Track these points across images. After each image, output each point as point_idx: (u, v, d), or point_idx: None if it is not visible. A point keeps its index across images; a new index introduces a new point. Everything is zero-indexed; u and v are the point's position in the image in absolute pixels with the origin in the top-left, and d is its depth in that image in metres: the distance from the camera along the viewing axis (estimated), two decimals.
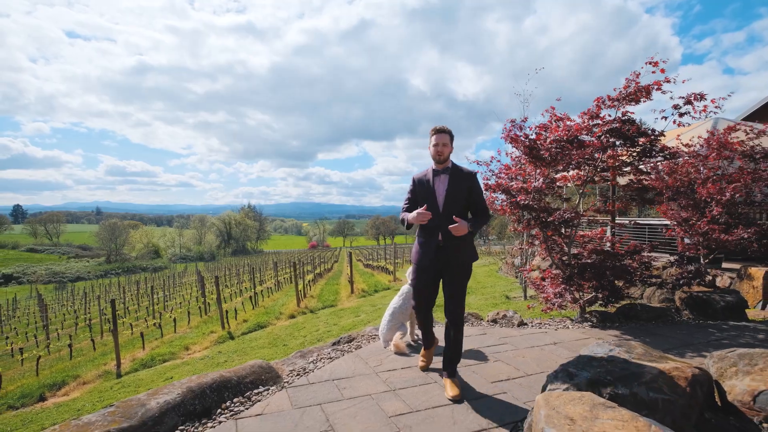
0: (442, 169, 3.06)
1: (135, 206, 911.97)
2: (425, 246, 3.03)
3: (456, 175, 3.04)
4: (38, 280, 52.94)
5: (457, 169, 3.06)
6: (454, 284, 3.01)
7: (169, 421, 2.53)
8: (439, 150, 3.02)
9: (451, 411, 2.73)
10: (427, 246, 3.01)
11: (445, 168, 3.06)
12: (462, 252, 2.98)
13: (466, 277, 3.06)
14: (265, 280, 27.27)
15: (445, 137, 3.04)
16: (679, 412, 2.04)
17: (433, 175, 3.07)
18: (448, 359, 3.11)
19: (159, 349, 11.38)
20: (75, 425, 2.31)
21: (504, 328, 4.98)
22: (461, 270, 3.02)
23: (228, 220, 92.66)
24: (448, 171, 3.05)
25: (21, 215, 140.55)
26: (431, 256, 2.99)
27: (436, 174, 3.07)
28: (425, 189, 3.06)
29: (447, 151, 3.04)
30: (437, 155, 3.04)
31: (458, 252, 2.97)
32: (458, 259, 2.98)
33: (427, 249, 3.01)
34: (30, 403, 8.43)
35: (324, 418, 2.67)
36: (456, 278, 3.01)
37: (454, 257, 2.97)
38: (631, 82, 5.40)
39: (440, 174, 3.06)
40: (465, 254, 3.01)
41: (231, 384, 2.98)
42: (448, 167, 3.07)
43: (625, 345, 2.62)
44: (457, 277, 3.01)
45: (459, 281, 3.02)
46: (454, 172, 3.04)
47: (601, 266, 5.40)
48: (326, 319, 11.48)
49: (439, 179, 3.05)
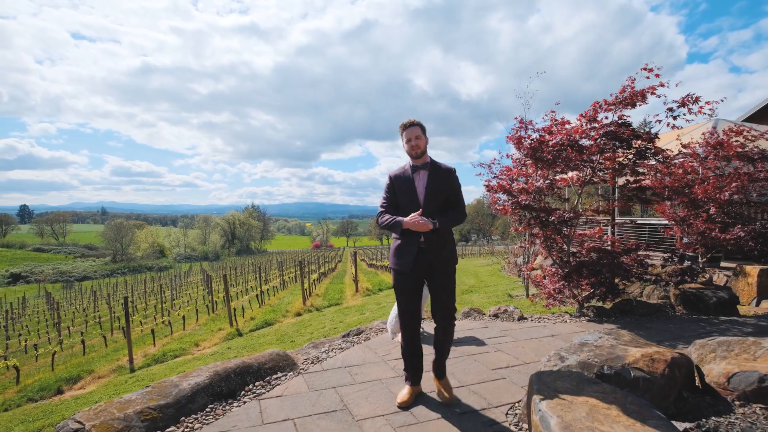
0: (421, 165, 2.87)
1: (140, 206, 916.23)
2: (405, 248, 2.79)
3: (435, 170, 2.86)
4: (46, 279, 53.55)
5: (436, 165, 2.89)
6: (441, 281, 2.81)
7: (200, 401, 2.80)
8: (414, 144, 2.82)
9: (455, 393, 2.98)
10: (408, 248, 2.78)
11: (423, 163, 2.87)
12: (444, 250, 2.81)
13: (452, 271, 2.88)
14: (270, 279, 27.59)
15: (416, 130, 2.83)
16: (658, 390, 2.28)
17: (412, 171, 2.88)
18: (438, 361, 2.94)
19: (170, 345, 11.68)
20: (118, 402, 2.58)
21: (505, 322, 5.23)
22: (446, 266, 2.82)
23: (232, 220, 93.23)
24: (427, 167, 2.87)
25: (27, 215, 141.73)
26: (413, 259, 2.76)
27: (415, 170, 2.87)
28: (405, 186, 2.85)
29: (422, 144, 2.84)
30: (413, 150, 2.83)
31: (441, 251, 2.79)
32: (441, 257, 2.78)
33: (408, 251, 2.77)
34: (48, 396, 8.75)
35: (339, 399, 2.94)
36: (443, 275, 2.81)
37: (437, 257, 2.77)
38: (626, 87, 5.64)
39: (419, 170, 2.87)
40: (447, 251, 2.83)
41: (252, 369, 3.25)
42: (426, 162, 2.88)
43: (614, 333, 2.87)
44: (443, 274, 2.81)
45: (446, 276, 2.82)
46: (433, 167, 2.87)
47: (598, 264, 5.63)
48: (332, 316, 11.75)
49: (419, 175, 2.86)
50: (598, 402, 1.83)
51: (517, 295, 10.61)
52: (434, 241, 2.77)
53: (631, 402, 1.83)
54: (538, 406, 1.84)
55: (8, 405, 8.47)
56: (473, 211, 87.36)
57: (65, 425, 2.38)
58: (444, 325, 2.85)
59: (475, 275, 18.08)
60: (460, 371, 3.44)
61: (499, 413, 2.70)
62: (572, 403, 1.83)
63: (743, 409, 2.29)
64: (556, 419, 1.70)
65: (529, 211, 5.81)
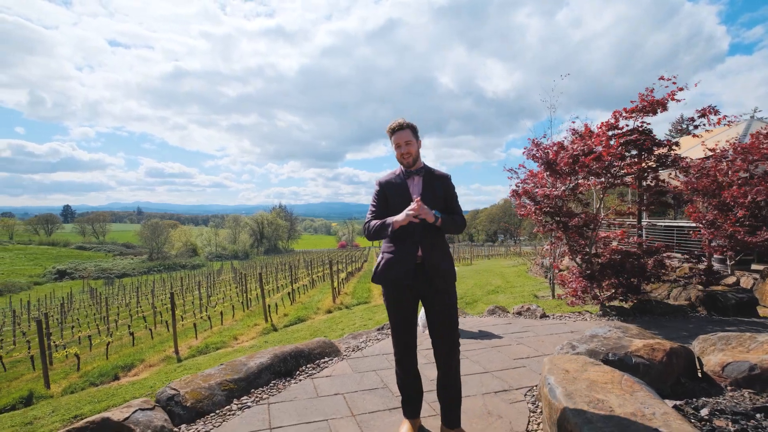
0: (416, 170, 2.58)
1: (173, 206, 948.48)
2: (399, 263, 2.41)
3: (430, 176, 2.59)
4: (89, 275, 56.67)
5: (430, 171, 2.62)
6: (441, 311, 2.44)
7: (264, 377, 3.35)
8: (405, 151, 2.50)
9: (480, 377, 3.43)
10: (402, 263, 2.41)
11: (418, 169, 2.58)
12: (445, 263, 2.47)
13: (454, 288, 2.52)
14: (299, 278, 28.50)
15: (406, 134, 2.50)
16: (656, 375, 2.66)
17: (406, 177, 2.58)
18: (449, 402, 2.50)
19: (211, 338, 12.51)
20: (201, 375, 3.16)
21: (528, 319, 5.61)
22: (447, 281, 2.46)
23: (260, 219, 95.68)
24: (421, 172, 2.57)
25: (70, 215, 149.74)
26: (404, 278, 2.39)
27: (409, 175, 2.58)
28: (399, 193, 2.53)
29: (414, 150, 2.52)
30: (404, 158, 2.52)
31: (441, 264, 2.44)
32: (441, 277, 2.42)
33: (402, 266, 2.40)
34: (107, 381, 9.64)
35: (379, 380, 3.43)
36: (443, 293, 2.44)
37: (437, 276, 2.41)
38: (646, 97, 5.92)
39: (413, 175, 2.58)
40: (448, 264, 2.49)
41: (304, 353, 3.79)
42: (421, 168, 2.59)
43: (622, 327, 3.25)
44: (444, 292, 2.45)
45: (448, 295, 2.46)
46: (427, 174, 2.59)
47: (620, 265, 5.92)
48: (361, 314, 12.29)
49: (413, 181, 2.58)
50: (597, 378, 2.24)
51: (543, 296, 10.86)
52: (433, 254, 2.43)
53: (626, 380, 2.23)
54: (547, 381, 2.27)
55: (74, 388, 9.39)
56: (500, 211, 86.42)
57: (163, 391, 2.97)
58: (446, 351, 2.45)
59: (502, 276, 18.28)
60: (485, 360, 3.87)
61: (519, 394, 3.12)
62: (576, 378, 2.25)
63: (733, 393, 2.64)
64: (561, 389, 2.12)
65: (551, 216, 6.17)
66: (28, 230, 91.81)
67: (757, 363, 2.69)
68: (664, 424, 1.72)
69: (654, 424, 1.72)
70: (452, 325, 2.44)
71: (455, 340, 2.46)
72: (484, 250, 48.02)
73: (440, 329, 2.44)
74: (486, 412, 2.86)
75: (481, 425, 2.69)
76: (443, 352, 2.45)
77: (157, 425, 2.61)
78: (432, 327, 2.48)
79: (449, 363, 2.45)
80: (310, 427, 2.71)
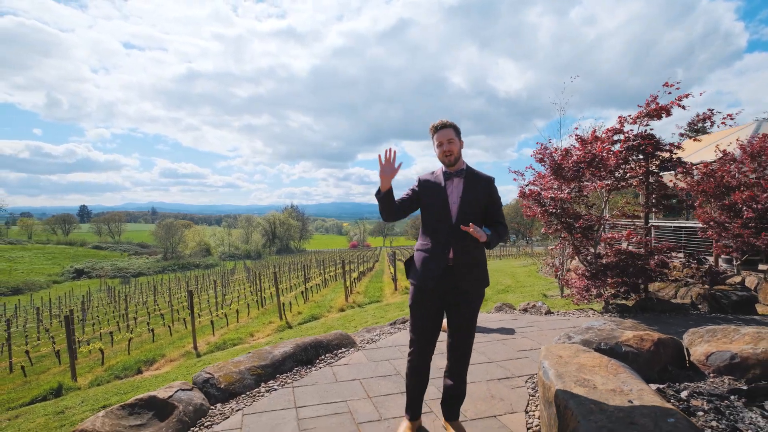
0: (455, 172, 2.50)
1: (186, 206, 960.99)
2: (430, 263, 2.42)
3: (472, 179, 2.49)
4: (105, 274, 58.05)
5: (472, 172, 2.52)
6: (462, 313, 2.45)
7: (288, 364, 3.70)
8: (446, 149, 2.45)
9: (485, 366, 3.72)
10: (433, 263, 2.41)
11: (458, 170, 2.50)
12: (475, 273, 2.44)
13: (477, 305, 2.50)
14: (311, 277, 28.98)
15: (449, 132, 2.45)
16: (644, 362, 2.94)
17: (445, 178, 2.50)
18: (452, 399, 2.60)
19: (228, 335, 12.96)
20: (232, 362, 3.51)
21: (533, 315, 5.88)
22: (473, 295, 2.45)
23: (273, 219, 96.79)
24: (462, 174, 2.49)
25: (86, 215, 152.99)
26: (436, 277, 2.39)
27: (448, 177, 2.50)
28: (435, 193, 2.48)
29: (456, 149, 2.46)
30: (446, 156, 2.47)
31: (471, 273, 2.41)
32: (469, 281, 2.41)
33: (433, 267, 2.40)
34: (131, 375, 10.13)
35: (393, 368, 3.75)
36: (466, 307, 2.44)
37: (465, 280, 2.40)
38: (650, 103, 6.15)
39: (453, 177, 2.49)
40: (478, 275, 2.46)
41: (323, 344, 4.13)
42: (462, 169, 2.51)
43: (617, 320, 3.52)
44: (466, 305, 2.44)
45: (470, 309, 2.46)
46: (469, 175, 2.50)
47: (623, 265, 6.16)
48: (373, 312, 12.63)
49: (452, 183, 2.49)
50: (587, 362, 2.53)
51: (552, 295, 11.07)
52: (465, 260, 2.41)
53: (612, 364, 2.51)
54: (542, 364, 2.56)
55: (99, 381, 9.89)
56: (512, 211, 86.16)
57: (199, 375, 3.33)
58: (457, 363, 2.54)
59: (512, 276, 18.46)
60: (491, 351, 4.17)
61: (520, 381, 3.42)
62: (568, 362, 2.54)
63: (714, 379, 2.90)
64: (553, 371, 2.41)
65: (557, 218, 6.42)
66: (46, 230, 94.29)
67: (737, 352, 2.95)
68: (638, 397, 2.00)
69: (630, 397, 2.01)
70: (471, 330, 2.50)
71: (470, 344, 2.53)
72: (495, 251, 48.07)
73: (459, 327, 2.48)
74: (489, 395, 3.17)
75: (485, 406, 2.99)
76: (456, 356, 2.53)
77: (197, 403, 2.96)
78: (451, 327, 2.51)
79: (463, 357, 2.53)
80: (331, 407, 3.04)
